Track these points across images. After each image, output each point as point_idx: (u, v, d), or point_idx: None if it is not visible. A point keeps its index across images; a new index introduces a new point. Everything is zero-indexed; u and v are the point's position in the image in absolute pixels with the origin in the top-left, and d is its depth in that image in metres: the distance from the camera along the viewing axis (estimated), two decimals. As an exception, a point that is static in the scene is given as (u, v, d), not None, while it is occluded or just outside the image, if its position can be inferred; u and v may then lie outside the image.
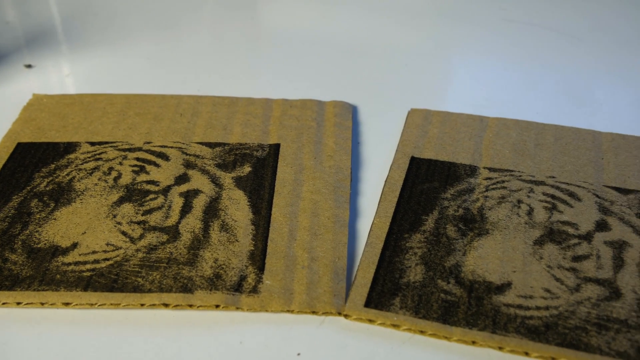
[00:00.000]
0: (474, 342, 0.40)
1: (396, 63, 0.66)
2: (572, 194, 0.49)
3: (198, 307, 0.41)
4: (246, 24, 0.73)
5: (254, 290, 0.42)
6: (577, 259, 0.44)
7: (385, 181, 0.51)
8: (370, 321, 0.41)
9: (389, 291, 0.42)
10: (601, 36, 0.70)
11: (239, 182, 0.50)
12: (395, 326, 0.41)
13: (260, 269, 0.43)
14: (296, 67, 0.66)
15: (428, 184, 0.50)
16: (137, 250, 0.44)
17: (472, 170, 0.52)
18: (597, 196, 0.49)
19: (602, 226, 0.47)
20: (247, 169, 0.51)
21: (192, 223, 0.46)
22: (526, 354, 0.39)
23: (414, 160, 0.53)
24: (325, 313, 0.41)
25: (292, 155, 0.53)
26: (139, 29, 0.72)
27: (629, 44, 0.69)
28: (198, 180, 0.50)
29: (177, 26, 0.73)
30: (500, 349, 0.39)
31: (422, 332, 0.40)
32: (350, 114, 0.58)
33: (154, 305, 0.41)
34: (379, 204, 0.49)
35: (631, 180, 0.51)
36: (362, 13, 0.74)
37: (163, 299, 0.41)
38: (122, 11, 0.76)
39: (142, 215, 0.47)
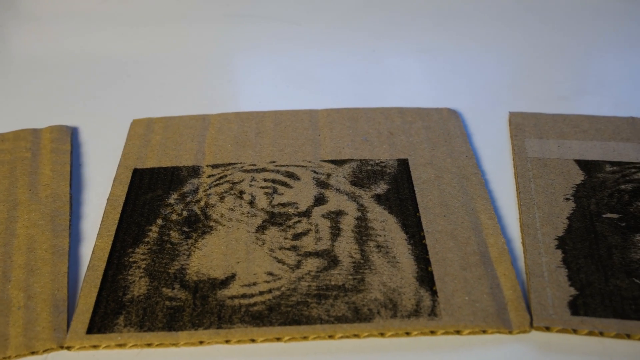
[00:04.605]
0: (201, 342, 0.40)
1: (117, 75, 0.65)
2: (291, 175, 0.51)
3: None
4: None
5: (-36, 346, 0.39)
6: (297, 236, 0.46)
7: (107, 199, 0.49)
8: (95, 347, 0.40)
9: (112, 311, 0.41)
10: (317, 18, 0.73)
11: (-55, 233, 0.46)
12: (121, 346, 0.40)
13: (-29, 321, 0.40)
14: (11, 97, 0.62)
15: (151, 194, 0.50)
16: None
17: (196, 171, 0.52)
18: (315, 172, 0.51)
19: (319, 200, 0.48)
20: (-47, 216, 0.47)
21: None
22: (252, 341, 0.40)
23: (136, 172, 0.52)
24: (46, 350, 0.39)
25: (4, 192, 0.49)
26: None
27: (344, 21, 0.73)
28: None
29: None
30: (227, 342, 0.40)
31: (148, 345, 0.40)
32: (68, 137, 0.55)
33: None
34: (100, 224, 0.47)
35: (345, 150, 0.53)
36: (73, 28, 0.72)
37: None
38: None
39: None
